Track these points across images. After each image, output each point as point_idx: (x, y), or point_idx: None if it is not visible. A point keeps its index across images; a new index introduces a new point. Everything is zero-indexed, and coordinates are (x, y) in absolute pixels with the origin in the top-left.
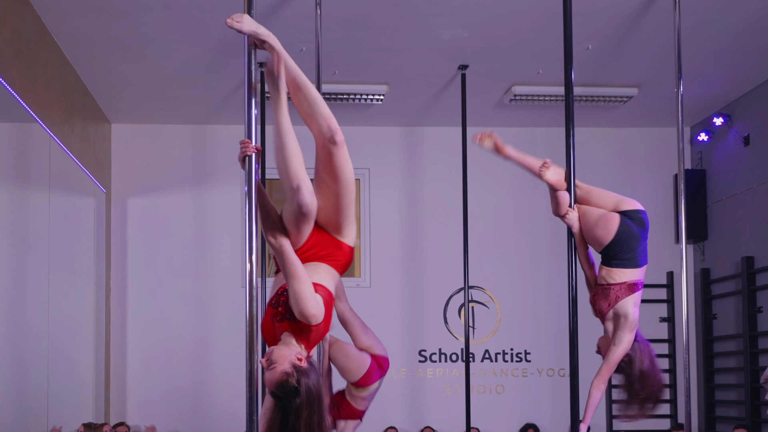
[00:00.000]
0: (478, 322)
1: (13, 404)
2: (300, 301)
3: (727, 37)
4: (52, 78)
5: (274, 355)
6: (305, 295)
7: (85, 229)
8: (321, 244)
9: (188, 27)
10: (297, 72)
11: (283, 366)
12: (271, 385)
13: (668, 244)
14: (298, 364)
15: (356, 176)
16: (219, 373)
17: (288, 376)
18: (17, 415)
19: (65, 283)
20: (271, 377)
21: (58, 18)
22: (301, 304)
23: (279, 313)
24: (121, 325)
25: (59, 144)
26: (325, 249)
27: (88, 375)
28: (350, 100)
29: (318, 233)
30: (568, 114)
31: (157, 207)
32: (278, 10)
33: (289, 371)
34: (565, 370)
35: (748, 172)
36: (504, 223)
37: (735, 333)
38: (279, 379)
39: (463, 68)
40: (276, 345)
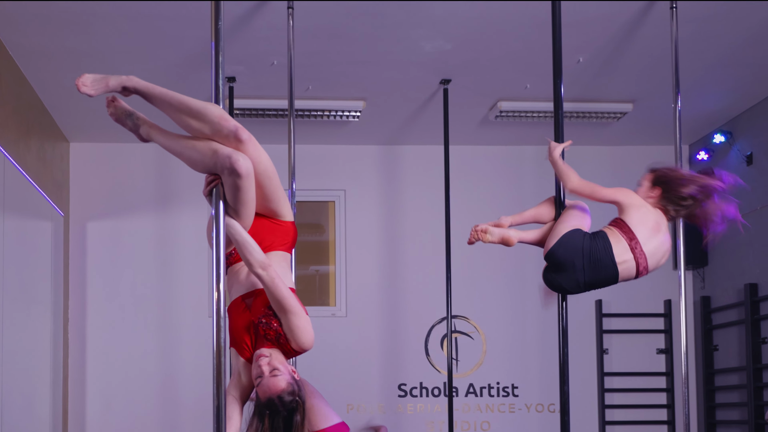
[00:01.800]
0: (462, 354)
1: None
2: (301, 335)
3: (728, 48)
4: (7, 94)
5: (276, 361)
6: (307, 329)
7: (42, 254)
8: (265, 231)
9: (152, 39)
10: (167, 93)
11: (286, 376)
12: (272, 393)
13: (666, 271)
14: (296, 378)
15: (331, 198)
16: (185, 407)
17: (293, 388)
18: None
19: (20, 312)
20: (274, 385)
21: (13, 29)
22: (303, 339)
23: (268, 337)
24: (80, 357)
25: (14, 164)
26: (270, 234)
27: (45, 411)
28: (325, 117)
29: (259, 221)
30: (557, 131)
31: (118, 231)
32: (248, 21)
33: (293, 384)
34: (555, 405)
35: (751, 193)
36: (490, 247)
37: (738, 365)
38: (284, 389)
39: (445, 83)
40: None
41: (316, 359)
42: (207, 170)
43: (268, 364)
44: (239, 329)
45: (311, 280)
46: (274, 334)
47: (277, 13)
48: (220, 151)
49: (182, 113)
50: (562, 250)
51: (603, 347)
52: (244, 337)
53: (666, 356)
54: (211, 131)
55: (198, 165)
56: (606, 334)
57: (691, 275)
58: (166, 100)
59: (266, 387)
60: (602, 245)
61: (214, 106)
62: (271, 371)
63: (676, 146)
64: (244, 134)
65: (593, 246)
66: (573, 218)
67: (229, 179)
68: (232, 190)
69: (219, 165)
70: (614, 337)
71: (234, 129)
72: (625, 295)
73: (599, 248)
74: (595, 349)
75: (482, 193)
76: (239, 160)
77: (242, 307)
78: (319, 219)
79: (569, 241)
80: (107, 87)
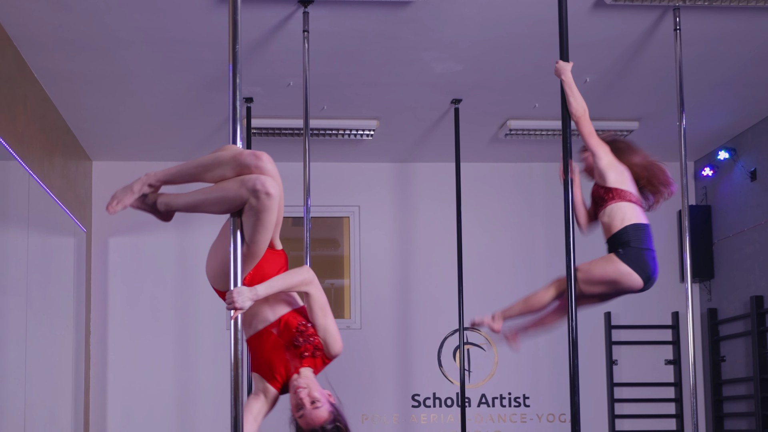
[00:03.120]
0: (474, 365)
1: None
2: (337, 340)
3: (732, 68)
4: (32, 115)
5: (317, 393)
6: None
7: (65, 269)
8: (265, 262)
9: (171, 62)
10: (183, 166)
11: (326, 406)
12: (316, 425)
13: (673, 283)
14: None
15: (345, 214)
16: (203, 420)
17: (334, 416)
18: None
19: (43, 326)
20: (318, 417)
21: (39, 54)
22: (338, 344)
23: (307, 352)
24: (102, 370)
25: (39, 182)
26: (271, 264)
27: (67, 423)
28: (339, 136)
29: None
30: (565, 149)
31: (139, 247)
32: (264, 44)
33: (334, 411)
34: (566, 415)
35: (756, 208)
36: (501, 261)
37: (745, 376)
38: (326, 419)
39: (456, 102)
40: (293, 376)
41: (330, 370)
42: (233, 206)
43: (308, 395)
44: (269, 358)
45: (326, 294)
46: (312, 347)
47: (293, 37)
48: (247, 177)
49: (203, 172)
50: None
51: (612, 358)
52: (274, 365)
53: (674, 367)
54: (233, 169)
55: (225, 203)
56: (615, 346)
57: (697, 288)
58: (184, 171)
59: (310, 419)
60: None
61: (227, 148)
62: (311, 403)
63: (681, 163)
64: (263, 155)
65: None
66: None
67: (256, 203)
68: (255, 215)
69: (247, 189)
70: (623, 348)
71: (252, 153)
72: (634, 307)
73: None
74: (605, 361)
75: (493, 209)
76: (268, 181)
77: (270, 336)
78: (334, 234)
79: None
80: (134, 192)
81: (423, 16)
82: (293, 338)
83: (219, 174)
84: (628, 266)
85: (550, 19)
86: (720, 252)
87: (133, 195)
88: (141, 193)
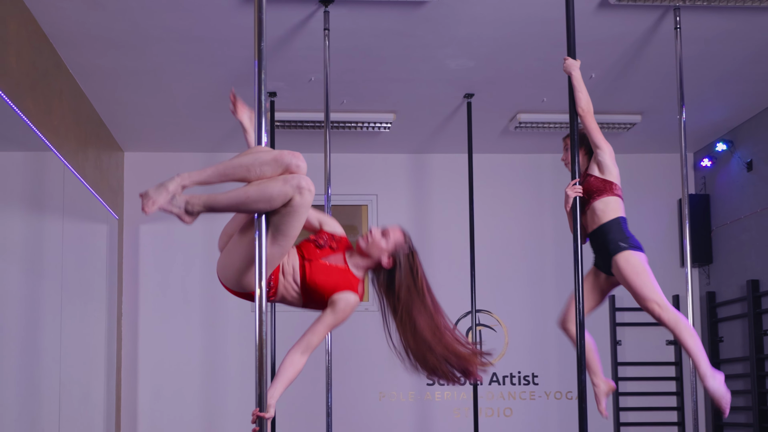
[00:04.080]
0: (486, 345)
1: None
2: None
3: (730, 65)
4: (67, 108)
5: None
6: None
7: (98, 255)
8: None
9: (200, 59)
10: (218, 167)
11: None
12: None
13: (674, 268)
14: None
15: (364, 202)
16: (229, 398)
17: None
18: None
19: (78, 308)
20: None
21: (73, 51)
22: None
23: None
24: (133, 349)
25: (73, 172)
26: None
27: (100, 399)
28: (358, 128)
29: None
30: (572, 141)
31: (168, 234)
32: (288, 42)
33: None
34: (573, 392)
35: (752, 197)
36: (511, 246)
37: (742, 356)
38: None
39: (468, 97)
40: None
41: (350, 351)
42: (276, 203)
43: (377, 229)
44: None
45: None
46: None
47: (315, 35)
48: (290, 176)
49: (243, 173)
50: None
51: (617, 339)
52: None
53: (675, 347)
54: (274, 169)
55: (269, 201)
56: (619, 327)
57: (697, 272)
58: (221, 172)
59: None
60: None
61: (260, 149)
62: (383, 231)
63: (681, 154)
64: (300, 156)
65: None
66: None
67: (300, 199)
68: (295, 211)
69: (292, 187)
70: (627, 329)
71: (291, 154)
72: None
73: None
74: (609, 341)
75: (503, 197)
76: (309, 180)
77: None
78: (353, 221)
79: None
80: (168, 192)
81: (438, 15)
82: (316, 246)
83: (259, 173)
84: (643, 252)
85: (557, 18)
86: (718, 238)
87: (168, 195)
88: (174, 194)
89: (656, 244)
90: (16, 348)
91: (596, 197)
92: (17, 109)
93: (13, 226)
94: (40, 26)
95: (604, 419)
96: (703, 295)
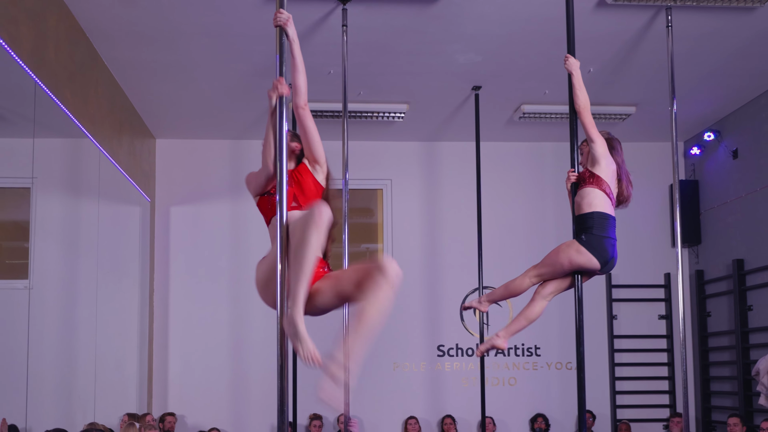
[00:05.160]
0: (492, 319)
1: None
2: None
3: (717, 61)
4: (103, 98)
5: None
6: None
7: (131, 235)
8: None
9: (226, 52)
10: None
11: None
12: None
13: (665, 248)
14: None
15: (379, 186)
16: (253, 368)
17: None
18: (66, 406)
19: (112, 284)
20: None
21: (109, 45)
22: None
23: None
24: (163, 324)
25: (108, 158)
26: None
27: (133, 369)
28: (374, 118)
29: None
30: (572, 130)
31: (197, 215)
32: (308, 37)
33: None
34: (572, 363)
35: (737, 183)
36: (515, 228)
37: (728, 329)
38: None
39: (476, 89)
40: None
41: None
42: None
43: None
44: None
45: (362, 257)
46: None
47: (334, 31)
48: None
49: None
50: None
51: (612, 314)
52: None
53: (666, 321)
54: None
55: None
56: (615, 303)
57: (686, 252)
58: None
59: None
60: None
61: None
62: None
63: (672, 143)
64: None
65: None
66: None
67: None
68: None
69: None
70: (622, 305)
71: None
72: (631, 269)
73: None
74: (606, 316)
75: (508, 182)
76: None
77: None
78: (369, 204)
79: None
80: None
81: (447, 14)
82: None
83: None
84: (588, 250)
85: (558, 16)
86: (706, 221)
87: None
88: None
89: (649, 226)
90: (54, 321)
91: (582, 186)
92: (56, 99)
93: (53, 207)
94: (77, 22)
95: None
96: (692, 273)
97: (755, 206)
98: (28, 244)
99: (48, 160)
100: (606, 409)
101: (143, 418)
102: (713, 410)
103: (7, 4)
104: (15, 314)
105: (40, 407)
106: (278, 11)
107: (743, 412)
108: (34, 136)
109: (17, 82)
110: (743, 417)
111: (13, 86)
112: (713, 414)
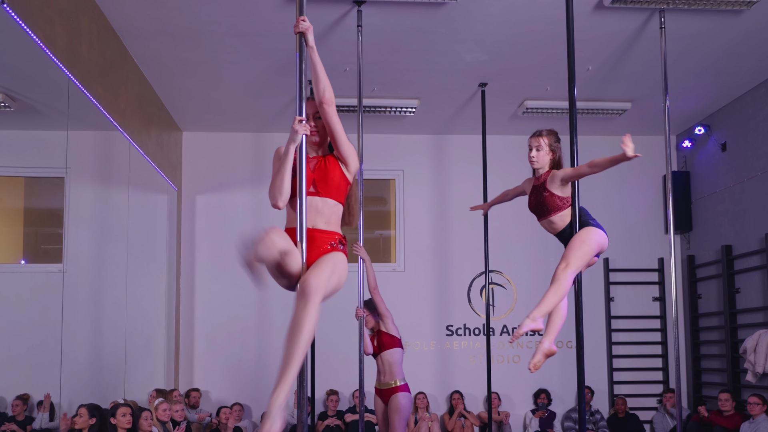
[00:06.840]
0: (498, 301)
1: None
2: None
3: (707, 60)
4: (132, 93)
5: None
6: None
7: (159, 221)
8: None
9: (249, 50)
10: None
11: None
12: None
13: (659, 235)
14: None
15: (392, 176)
16: (275, 347)
17: None
18: (97, 383)
19: (141, 268)
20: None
21: (138, 43)
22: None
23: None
24: (190, 305)
25: (137, 149)
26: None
27: (160, 347)
28: (387, 112)
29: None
30: (572, 124)
31: (221, 203)
32: (325, 37)
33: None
34: (572, 342)
35: (726, 174)
36: (519, 215)
37: (717, 310)
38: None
39: (482, 86)
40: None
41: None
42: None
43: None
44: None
45: (376, 242)
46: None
47: (349, 31)
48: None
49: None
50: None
51: (610, 296)
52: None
53: (660, 303)
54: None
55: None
56: (612, 285)
57: (679, 238)
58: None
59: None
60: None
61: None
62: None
63: (665, 136)
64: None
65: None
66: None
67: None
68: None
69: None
70: (619, 287)
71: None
72: (627, 254)
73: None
74: (604, 297)
75: (513, 173)
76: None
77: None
78: (382, 193)
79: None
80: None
81: (456, 15)
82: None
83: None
84: (604, 231)
85: (559, 18)
86: (697, 209)
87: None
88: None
89: (644, 214)
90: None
91: (554, 213)
92: (89, 94)
93: (86, 196)
94: (108, 21)
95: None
96: (684, 259)
97: (742, 196)
98: (63, 230)
99: (81, 152)
100: (604, 385)
101: (170, 393)
102: (704, 386)
103: (43, 5)
104: (50, 296)
105: (74, 383)
106: (299, 18)
107: (732, 388)
108: (68, 129)
109: (52, 79)
110: (732, 392)
111: (48, 82)
112: (704, 389)
